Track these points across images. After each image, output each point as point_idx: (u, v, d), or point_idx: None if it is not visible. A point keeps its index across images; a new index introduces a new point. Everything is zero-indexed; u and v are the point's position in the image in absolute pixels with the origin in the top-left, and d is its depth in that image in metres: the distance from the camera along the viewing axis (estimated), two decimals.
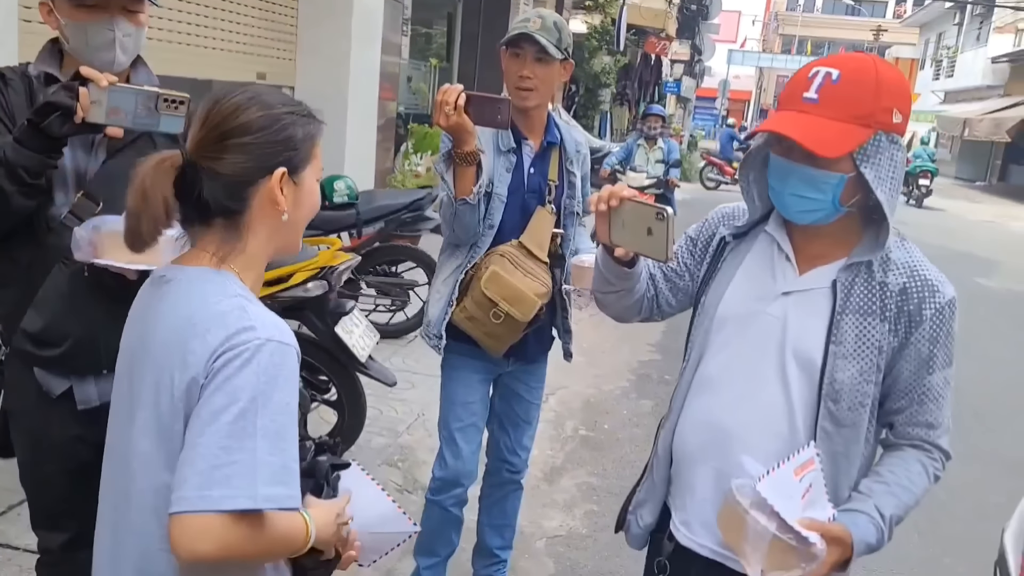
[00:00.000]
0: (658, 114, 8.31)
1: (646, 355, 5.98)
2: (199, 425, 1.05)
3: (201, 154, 1.13)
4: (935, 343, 1.40)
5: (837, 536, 1.32)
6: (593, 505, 3.62)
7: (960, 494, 4.02)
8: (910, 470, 1.42)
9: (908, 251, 1.45)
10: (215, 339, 1.08)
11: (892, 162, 1.35)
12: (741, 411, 1.46)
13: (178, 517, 1.03)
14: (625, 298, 1.62)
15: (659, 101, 21.73)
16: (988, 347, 7.08)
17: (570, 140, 2.49)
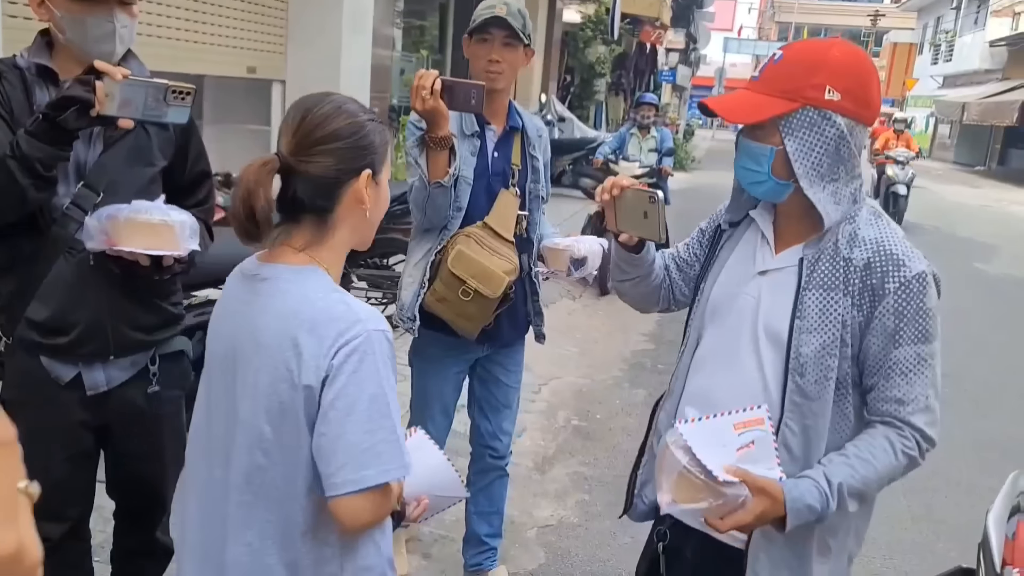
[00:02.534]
0: (651, 103, 8.26)
1: (639, 344, 5.98)
2: (339, 416, 1.19)
3: (296, 158, 1.24)
4: (900, 317, 1.39)
5: (762, 487, 1.34)
6: (585, 494, 3.62)
7: (955, 479, 4.03)
8: (873, 444, 1.42)
9: (880, 228, 1.45)
10: (329, 334, 1.20)
11: (822, 137, 1.39)
12: (725, 388, 1.51)
13: (343, 499, 1.19)
14: (640, 286, 1.72)
15: (655, 90, 21.67)
16: (985, 332, 7.07)
17: (531, 125, 2.54)
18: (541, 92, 14.43)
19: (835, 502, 1.37)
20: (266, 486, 1.25)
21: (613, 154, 7.98)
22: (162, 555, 2.13)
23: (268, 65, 6.51)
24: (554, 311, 6.64)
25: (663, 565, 1.62)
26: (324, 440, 1.20)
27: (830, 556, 1.50)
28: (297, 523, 1.25)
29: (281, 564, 1.25)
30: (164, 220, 1.69)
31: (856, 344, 1.42)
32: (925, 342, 1.40)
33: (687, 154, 20.24)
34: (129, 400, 1.90)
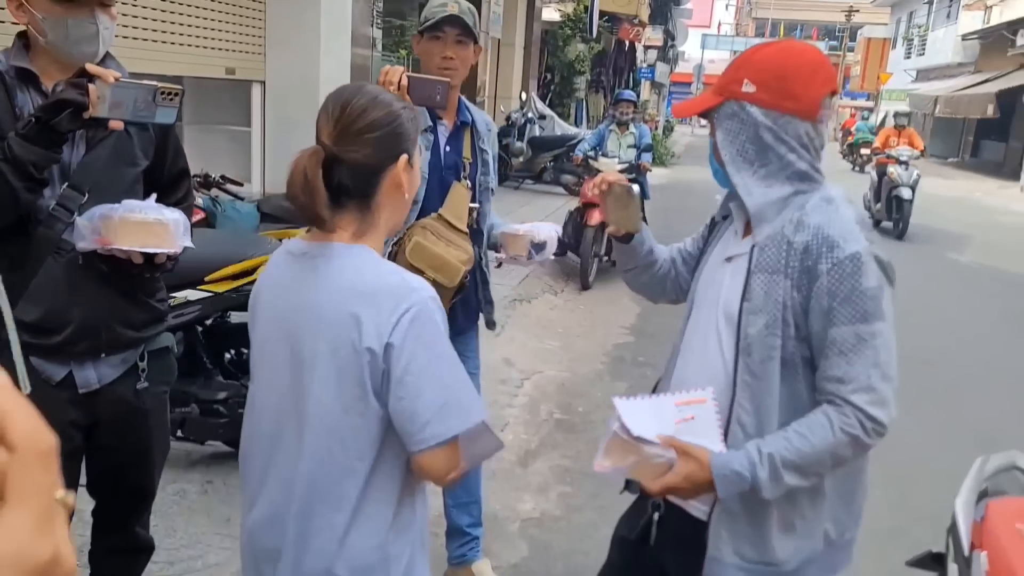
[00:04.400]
0: (629, 100, 8.32)
1: (620, 338, 6.03)
2: (414, 380, 1.30)
3: (340, 147, 1.32)
4: (833, 297, 1.44)
5: (686, 450, 1.47)
6: (567, 487, 3.66)
7: (930, 466, 4.10)
8: (812, 421, 1.46)
9: (826, 213, 1.49)
10: (387, 304, 1.30)
11: (742, 126, 1.53)
12: (696, 371, 1.60)
13: (429, 452, 1.31)
14: (642, 276, 1.86)
15: (634, 87, 21.74)
16: (961, 321, 7.19)
17: (480, 120, 2.61)
18: (522, 90, 14.45)
19: (765, 471, 1.43)
20: (333, 451, 1.34)
21: (593, 151, 8.03)
22: (142, 551, 2.15)
23: (247, 66, 6.49)
24: (536, 306, 6.68)
25: (653, 535, 1.68)
26: (404, 403, 1.31)
27: (795, 534, 1.55)
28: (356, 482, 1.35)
29: (343, 524, 1.35)
30: (159, 219, 1.73)
31: (803, 326, 1.47)
32: (863, 322, 1.43)
33: (666, 150, 20.34)
34: (119, 397, 1.92)
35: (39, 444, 0.53)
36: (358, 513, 1.35)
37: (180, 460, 3.32)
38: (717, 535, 1.55)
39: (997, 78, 23.87)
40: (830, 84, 1.53)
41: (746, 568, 1.55)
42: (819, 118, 1.52)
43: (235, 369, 3.28)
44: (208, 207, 4.26)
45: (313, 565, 1.36)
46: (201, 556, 2.70)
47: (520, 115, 13.05)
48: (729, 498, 1.48)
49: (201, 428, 3.13)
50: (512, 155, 12.73)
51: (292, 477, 1.37)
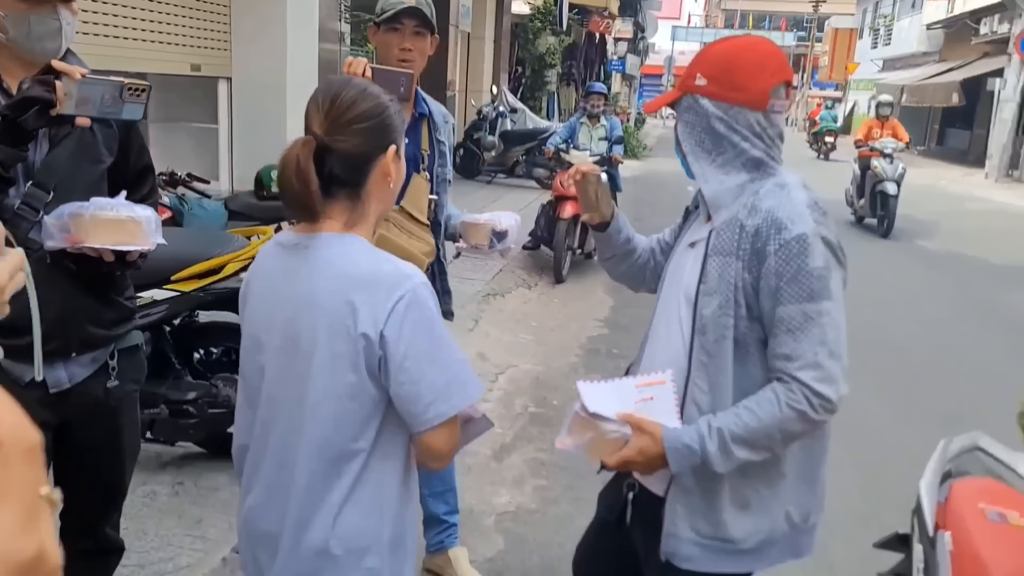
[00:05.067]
0: (600, 92, 8.33)
1: (595, 330, 6.05)
2: (414, 364, 1.34)
3: (331, 137, 1.35)
4: (780, 277, 1.49)
5: (640, 425, 1.54)
6: (542, 480, 3.67)
7: (898, 450, 4.16)
8: (760, 397, 1.51)
9: (779, 197, 1.55)
10: (381, 291, 1.34)
11: (697, 117, 1.61)
12: (660, 353, 1.67)
13: (434, 431, 1.36)
14: (622, 264, 1.94)
15: (605, 80, 21.78)
16: (928, 306, 7.31)
17: (437, 111, 2.62)
18: (492, 84, 14.42)
19: (714, 444, 1.49)
20: (329, 435, 1.38)
21: (564, 143, 8.03)
22: (112, 552, 2.12)
23: (212, 62, 6.41)
24: (509, 300, 6.68)
25: (629, 514, 1.75)
26: (407, 387, 1.35)
27: (751, 512, 1.59)
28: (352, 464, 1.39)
29: (338, 502, 1.39)
30: (131, 216, 1.72)
31: (755, 306, 1.53)
32: (810, 301, 1.48)
33: (638, 142, 20.42)
34: (89, 395, 1.91)
35: (23, 441, 0.52)
36: (353, 493, 1.39)
37: (150, 462, 3.28)
38: (673, 510, 1.61)
39: (961, 67, 24.23)
40: (780, 75, 1.58)
41: (702, 544, 1.60)
42: (770, 108, 1.57)
43: (204, 369, 3.25)
44: (175, 205, 4.21)
45: (309, 544, 1.40)
46: (172, 558, 2.68)
47: (491, 109, 13.01)
48: (681, 472, 1.54)
49: (171, 429, 3.09)
50: (484, 149, 12.71)
51: (289, 462, 1.41)
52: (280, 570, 1.44)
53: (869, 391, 5.09)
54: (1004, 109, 19.18)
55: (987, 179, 19.42)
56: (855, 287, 5.81)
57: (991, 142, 19.95)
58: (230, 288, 2.95)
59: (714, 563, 1.62)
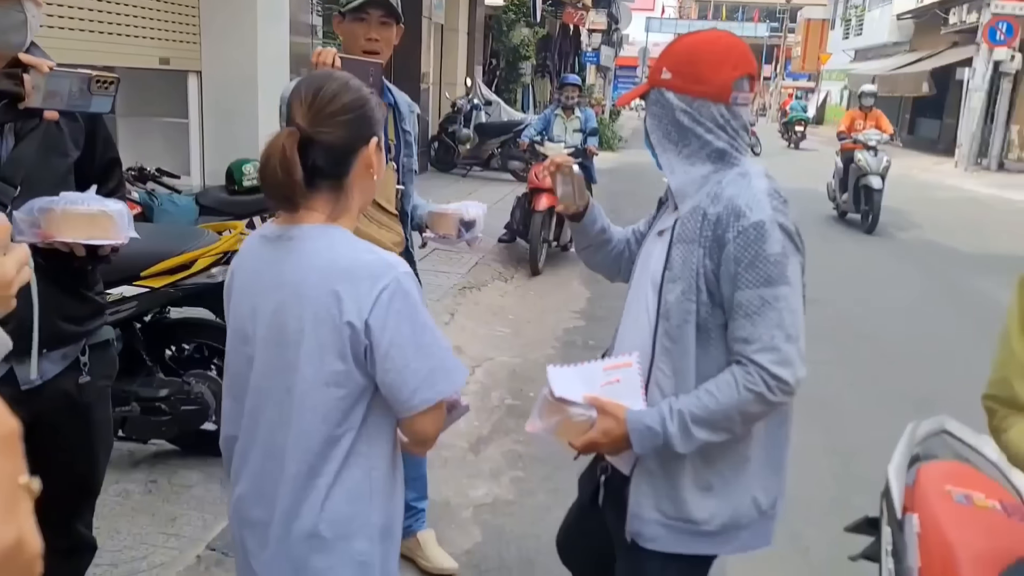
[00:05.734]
0: (574, 83, 8.33)
1: (571, 322, 6.06)
2: (400, 352, 1.37)
3: (315, 129, 1.37)
4: (739, 263, 1.53)
5: (604, 407, 1.59)
6: (519, 472, 3.68)
7: (870, 436, 4.21)
8: (719, 379, 1.56)
9: (740, 186, 1.59)
10: (365, 281, 1.36)
11: (664, 110, 1.66)
12: (629, 338, 1.73)
13: (419, 416, 1.41)
14: (598, 254, 1.98)
15: (579, 71, 21.79)
16: (899, 294, 7.40)
17: (403, 101, 2.62)
18: (466, 76, 14.37)
19: (675, 425, 1.54)
20: (316, 423, 1.40)
21: (539, 135, 8.03)
22: (85, 550, 2.10)
23: (182, 56, 6.32)
24: (486, 293, 6.68)
25: (601, 497, 1.81)
26: (392, 375, 1.38)
27: (713, 495, 1.63)
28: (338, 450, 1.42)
29: (325, 486, 1.42)
30: (103, 210, 1.70)
31: (717, 292, 1.57)
32: (768, 286, 1.52)
33: (613, 134, 20.46)
34: (61, 391, 1.89)
35: (1, 429, 0.52)
36: (340, 478, 1.42)
37: (122, 460, 3.24)
38: (638, 491, 1.66)
39: (931, 56, 24.51)
40: (742, 68, 1.62)
41: (667, 524, 1.64)
42: (732, 100, 1.61)
43: (177, 366, 3.21)
44: (144, 201, 4.16)
45: (299, 529, 1.43)
46: (146, 557, 2.65)
47: (466, 101, 12.98)
48: (644, 452, 1.59)
49: (143, 427, 3.06)
50: (459, 142, 12.67)
51: (277, 450, 1.43)
52: (271, 557, 1.46)
53: (842, 379, 5.15)
54: (973, 98, 19.44)
55: (957, 168, 19.68)
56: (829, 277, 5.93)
57: (961, 131, 20.22)
58: (201, 284, 2.92)
59: (677, 544, 1.65)
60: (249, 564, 1.52)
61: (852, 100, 36.36)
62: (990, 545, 1.53)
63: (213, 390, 3.14)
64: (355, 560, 1.46)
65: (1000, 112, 19.26)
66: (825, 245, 8.91)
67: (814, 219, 10.85)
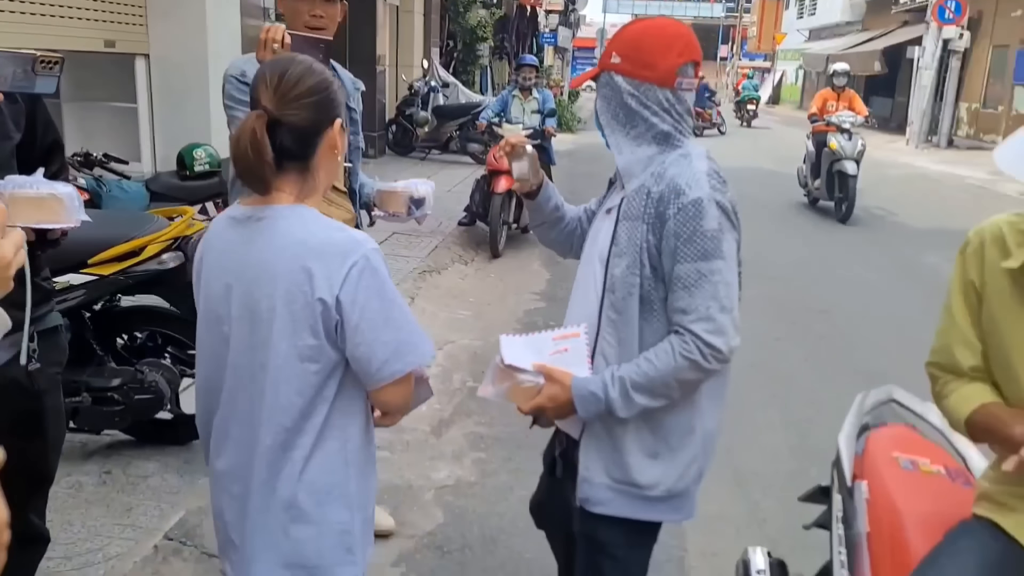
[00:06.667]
0: (531, 64, 8.29)
1: (531, 304, 6.07)
2: (369, 326, 1.42)
3: (281, 111, 1.40)
4: (678, 238, 1.61)
5: (550, 373, 1.69)
6: (481, 453, 3.69)
7: (826, 409, 4.30)
8: (658, 348, 1.65)
9: (681, 166, 1.67)
10: (335, 258, 1.40)
11: (613, 93, 1.73)
12: (577, 311, 1.82)
13: (388, 387, 1.46)
14: (552, 231, 2.05)
15: (537, 53, 21.73)
16: (854, 270, 7.54)
17: (347, 79, 2.60)
18: (423, 58, 14.24)
19: (616, 391, 1.64)
20: (291, 397, 1.45)
21: (497, 117, 7.99)
22: (37, 541, 2.06)
23: (128, 39, 6.16)
24: (446, 277, 6.65)
25: (559, 468, 1.92)
26: (363, 348, 1.43)
27: (659, 462, 1.72)
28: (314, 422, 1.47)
29: (301, 458, 1.47)
30: (52, 193, 1.66)
31: (659, 266, 1.65)
32: (704, 260, 1.60)
33: (572, 115, 20.44)
34: (10, 379, 1.84)
35: None
36: (316, 449, 1.47)
37: (74, 452, 3.18)
38: (587, 456, 1.75)
39: (883, 35, 24.92)
40: (687, 55, 1.70)
41: (615, 488, 1.73)
42: (677, 85, 1.70)
43: (129, 355, 3.15)
44: (91, 187, 4.05)
45: (278, 500, 1.48)
46: (101, 548, 2.60)
47: (423, 84, 12.86)
48: (588, 417, 1.69)
49: (95, 417, 3.00)
50: (417, 125, 12.56)
51: (255, 425, 1.47)
52: (252, 528, 1.50)
53: (798, 355, 5.25)
54: (923, 76, 19.78)
55: (908, 145, 20.05)
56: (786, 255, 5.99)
57: (911, 109, 20.58)
58: (152, 271, 2.86)
59: (625, 508, 1.74)
60: (230, 537, 1.56)
61: (807, 79, 36.87)
62: (935, 509, 1.58)
63: (168, 378, 3.09)
64: (335, 529, 1.51)
65: (949, 90, 19.65)
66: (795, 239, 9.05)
67: (783, 207, 10.65)
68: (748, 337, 5.90)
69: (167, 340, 3.18)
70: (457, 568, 2.84)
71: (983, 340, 1.48)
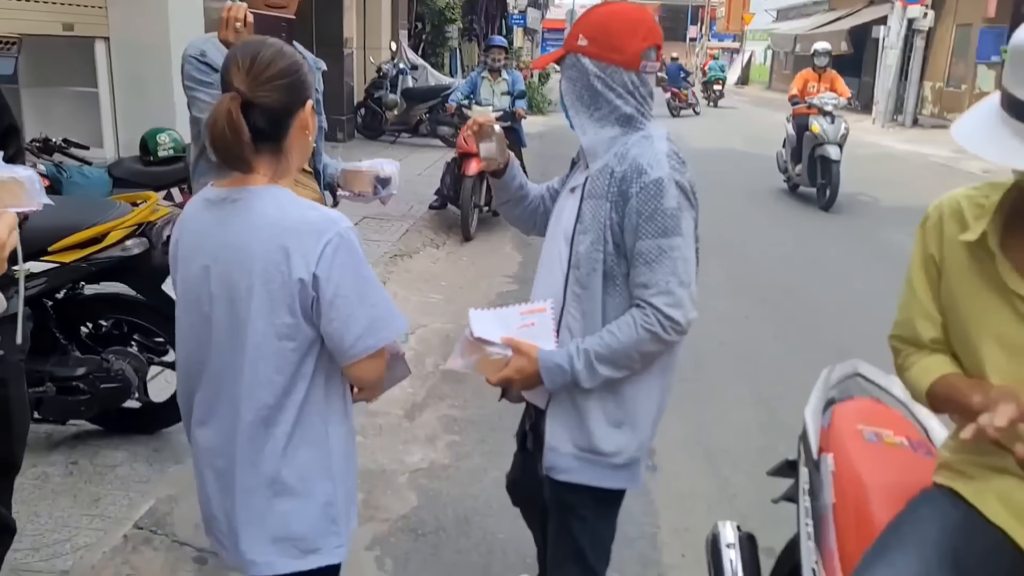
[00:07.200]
0: (500, 45, 8.24)
1: (503, 286, 6.07)
2: (344, 302, 1.45)
3: (254, 93, 1.42)
4: (640, 215, 1.69)
5: (518, 346, 1.76)
6: (455, 436, 3.69)
7: (794, 385, 4.34)
8: (620, 321, 1.72)
9: (643, 147, 1.74)
10: (311, 237, 1.43)
11: (579, 74, 1.78)
12: (542, 286, 1.88)
13: (362, 361, 1.50)
14: (515, 209, 2.09)
15: (506, 34, 21.61)
16: (821, 249, 7.62)
17: (310, 58, 2.60)
18: (391, 40, 14.09)
19: (581, 363, 1.71)
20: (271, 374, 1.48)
21: (466, 99, 7.95)
22: (4, 532, 2.04)
23: (87, 21, 6.03)
24: (418, 261, 6.63)
25: (530, 440, 1.98)
26: (336, 324, 1.46)
27: (621, 431, 1.80)
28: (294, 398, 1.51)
29: (284, 434, 1.51)
30: (12, 176, 1.61)
31: (622, 243, 1.72)
32: (664, 236, 1.68)
33: (543, 97, 20.39)
34: None
35: None
36: (298, 425, 1.51)
37: (40, 443, 3.12)
38: (553, 426, 1.82)
39: (849, 15, 25.10)
40: (650, 39, 1.76)
41: (580, 457, 1.81)
42: (642, 68, 1.75)
43: (94, 343, 3.10)
44: (51, 173, 3.97)
45: (262, 475, 1.52)
46: (69, 539, 2.57)
47: (391, 66, 12.73)
48: (554, 388, 1.76)
49: (60, 407, 2.95)
50: (386, 108, 12.45)
51: (237, 401, 1.50)
52: (237, 503, 1.54)
53: (767, 333, 5.30)
54: (888, 56, 19.96)
55: (875, 124, 20.25)
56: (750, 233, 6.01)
57: (877, 88, 20.77)
58: (115, 257, 2.80)
59: (590, 476, 1.81)
60: (213, 513, 1.60)
61: (776, 60, 37.08)
62: (898, 479, 1.61)
63: (135, 367, 3.05)
64: (319, 502, 1.57)
65: (914, 69, 19.84)
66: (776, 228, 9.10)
67: (762, 194, 10.38)
68: (718, 317, 6.00)
69: (133, 328, 3.13)
70: (431, 550, 2.84)
71: (943, 313, 1.50)
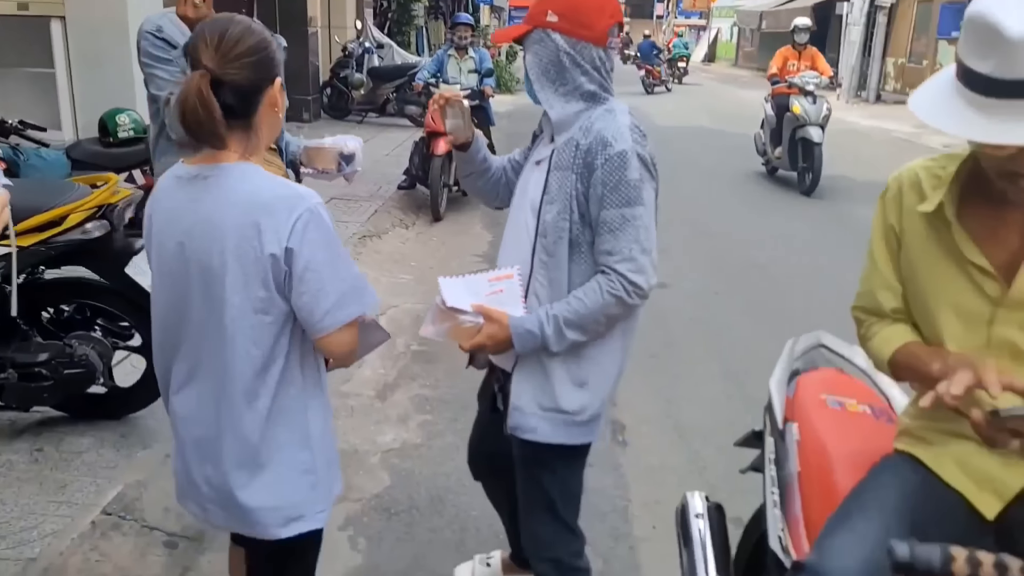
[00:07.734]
0: (466, 23, 8.17)
1: (474, 266, 6.05)
2: (314, 276, 1.48)
3: (223, 70, 1.43)
4: (605, 185, 1.76)
5: (489, 313, 1.81)
6: (427, 415, 3.69)
7: (762, 359, 4.38)
8: (586, 287, 1.81)
9: (607, 120, 1.80)
10: (282, 213, 1.45)
11: (546, 50, 1.82)
12: (508, 255, 1.94)
13: (333, 334, 1.53)
14: (479, 181, 2.13)
15: (473, 12, 21.41)
16: (787, 224, 7.70)
17: None
18: (356, 19, 13.90)
19: (550, 328, 1.79)
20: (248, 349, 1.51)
21: (433, 77, 7.89)
22: None
23: (42, 0, 5.87)
24: (387, 241, 6.59)
25: (500, 401, 2.05)
26: (306, 297, 1.49)
27: (584, 391, 1.89)
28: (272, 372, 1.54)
29: (264, 407, 1.54)
30: None
31: (587, 213, 1.79)
32: (627, 206, 1.76)
33: (511, 75, 20.29)
34: None
35: None
36: (277, 397, 1.55)
37: (3, 430, 3.08)
38: (519, 387, 1.90)
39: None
40: (616, 16, 1.83)
41: (544, 416, 1.89)
42: (609, 44, 1.82)
43: (57, 328, 3.05)
44: (7, 156, 3.88)
45: (243, 445, 1.56)
46: (36, 526, 2.54)
47: (357, 45, 12.57)
48: (525, 352, 1.83)
49: (23, 394, 2.90)
50: (352, 87, 12.31)
51: (217, 375, 1.54)
52: (218, 473, 1.58)
53: (735, 308, 5.36)
54: (852, 32, 20.14)
55: (839, 100, 20.42)
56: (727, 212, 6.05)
57: (841, 65, 20.94)
58: (76, 241, 2.75)
59: (555, 434, 1.90)
60: (193, 480, 1.63)
61: (742, 37, 37.22)
62: (861, 447, 1.64)
63: (99, 352, 3.00)
64: (299, 469, 1.61)
65: (877, 46, 20.04)
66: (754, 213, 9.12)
67: (739, 178, 10.08)
68: (688, 294, 6.05)
69: (96, 312, 3.08)
70: (405, 529, 2.85)
71: (903, 283, 1.53)
